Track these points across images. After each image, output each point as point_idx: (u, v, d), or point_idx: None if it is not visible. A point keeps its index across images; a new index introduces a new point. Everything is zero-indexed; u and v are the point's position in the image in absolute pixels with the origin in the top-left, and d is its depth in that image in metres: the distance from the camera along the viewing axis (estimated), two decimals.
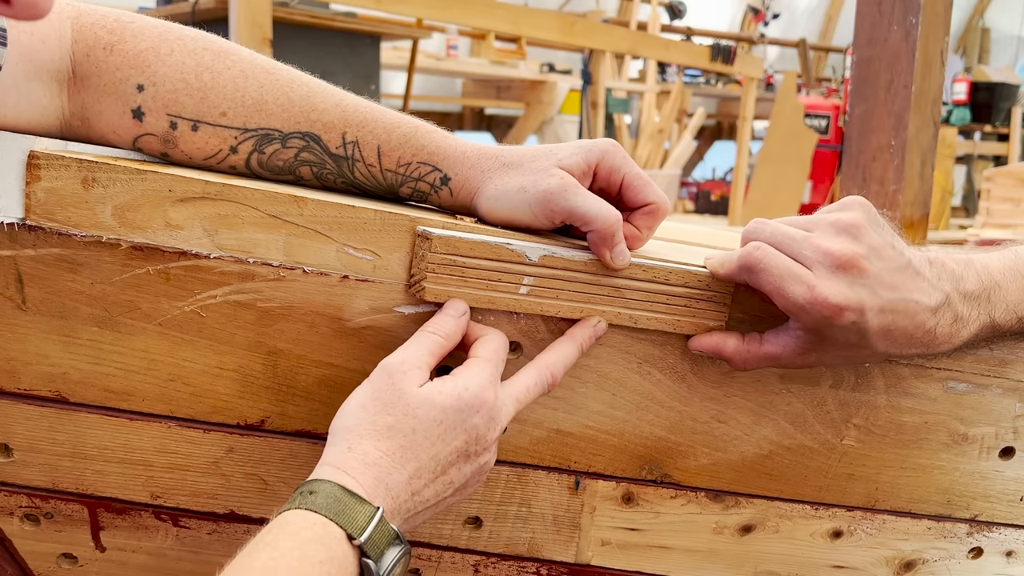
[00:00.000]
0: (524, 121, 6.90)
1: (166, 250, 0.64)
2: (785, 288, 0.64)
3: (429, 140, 0.70)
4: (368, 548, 0.56)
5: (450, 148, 0.70)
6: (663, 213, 0.72)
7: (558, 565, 0.80)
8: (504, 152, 0.71)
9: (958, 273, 0.69)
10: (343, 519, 0.56)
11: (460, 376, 0.63)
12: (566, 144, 0.70)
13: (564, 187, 0.66)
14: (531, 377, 0.66)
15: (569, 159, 0.68)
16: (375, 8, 3.70)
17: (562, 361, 0.68)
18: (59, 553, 0.76)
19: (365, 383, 0.63)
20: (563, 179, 0.67)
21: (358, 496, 0.57)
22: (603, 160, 0.69)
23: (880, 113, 1.96)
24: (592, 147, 0.69)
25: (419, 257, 0.66)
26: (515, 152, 0.71)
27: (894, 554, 0.83)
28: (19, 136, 0.60)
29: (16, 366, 0.66)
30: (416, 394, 0.61)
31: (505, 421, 0.65)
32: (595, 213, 0.66)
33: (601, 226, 0.66)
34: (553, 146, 0.70)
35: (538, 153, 0.70)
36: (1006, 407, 0.77)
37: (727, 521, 0.80)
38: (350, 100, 0.69)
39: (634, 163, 0.71)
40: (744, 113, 5.90)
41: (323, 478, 0.58)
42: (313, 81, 0.70)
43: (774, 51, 9.77)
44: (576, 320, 0.69)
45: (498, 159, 0.70)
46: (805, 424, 0.76)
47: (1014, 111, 7.53)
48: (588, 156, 0.69)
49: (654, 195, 0.71)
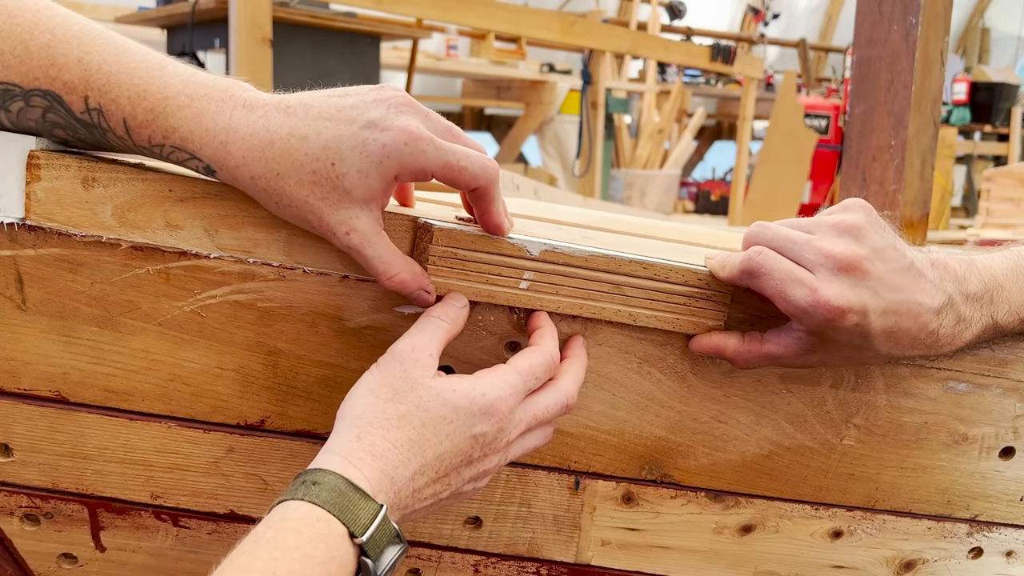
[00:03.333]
0: (524, 121, 6.90)
1: (166, 250, 0.64)
2: (787, 292, 0.64)
3: (180, 120, 0.58)
4: (368, 547, 0.56)
5: (207, 133, 0.59)
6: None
7: (558, 565, 0.80)
8: (280, 153, 0.59)
9: (961, 274, 0.69)
10: (346, 516, 0.55)
11: (480, 380, 0.62)
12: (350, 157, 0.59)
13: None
14: (551, 397, 0.65)
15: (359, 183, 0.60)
16: (375, 8, 3.71)
17: (578, 385, 0.67)
18: (59, 553, 0.76)
19: (373, 368, 0.62)
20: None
21: (362, 491, 0.56)
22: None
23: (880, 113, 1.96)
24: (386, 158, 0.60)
25: (420, 249, 0.65)
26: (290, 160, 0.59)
27: (894, 554, 0.83)
28: (19, 136, 0.60)
29: (16, 366, 0.66)
30: (429, 386, 0.61)
31: (515, 435, 0.63)
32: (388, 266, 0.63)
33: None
34: (336, 157, 0.59)
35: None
36: (1006, 407, 0.77)
37: (727, 521, 0.80)
38: (96, 54, 0.58)
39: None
40: (744, 113, 5.91)
41: (327, 468, 0.57)
42: (60, 26, 0.59)
43: (774, 51, 9.77)
44: (575, 316, 0.69)
45: (268, 165, 0.59)
46: (805, 424, 0.76)
47: (1014, 111, 7.53)
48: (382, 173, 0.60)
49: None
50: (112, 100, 0.58)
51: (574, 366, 0.68)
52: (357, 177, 0.59)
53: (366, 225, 0.60)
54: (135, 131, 0.59)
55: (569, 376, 0.67)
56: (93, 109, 0.58)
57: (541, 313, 0.68)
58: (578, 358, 0.69)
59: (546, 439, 0.68)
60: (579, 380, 0.68)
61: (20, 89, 0.58)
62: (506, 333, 0.69)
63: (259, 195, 0.61)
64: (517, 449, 0.65)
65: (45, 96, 0.58)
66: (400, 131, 0.58)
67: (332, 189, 0.59)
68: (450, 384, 0.61)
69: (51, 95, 0.58)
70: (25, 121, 0.60)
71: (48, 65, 0.58)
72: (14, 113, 0.59)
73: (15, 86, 0.58)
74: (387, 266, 0.62)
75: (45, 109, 0.59)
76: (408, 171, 0.60)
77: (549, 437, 0.68)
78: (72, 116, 0.59)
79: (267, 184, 0.59)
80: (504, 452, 0.64)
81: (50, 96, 0.58)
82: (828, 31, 10.79)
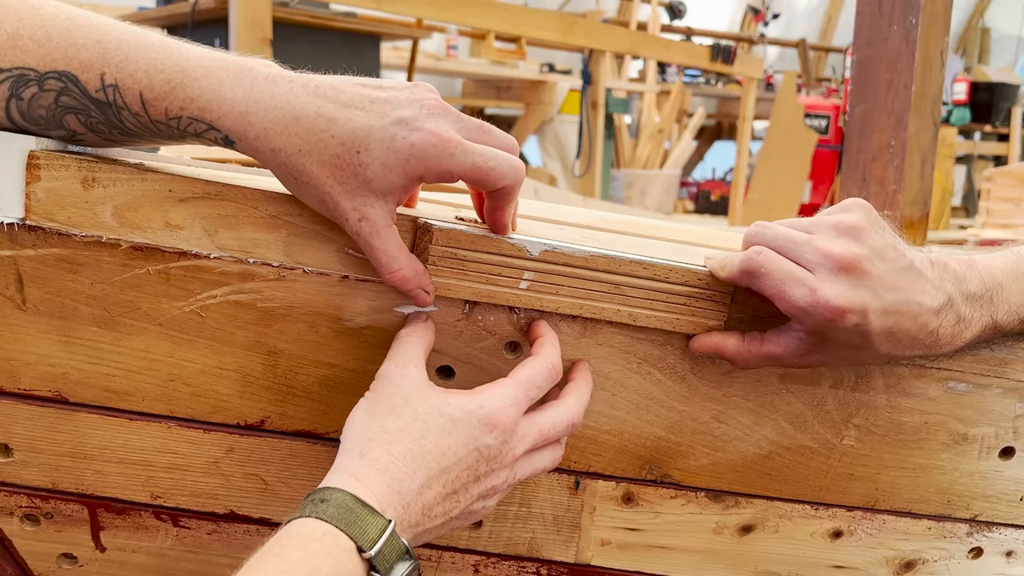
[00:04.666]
0: (524, 121, 6.90)
1: (166, 250, 0.64)
2: (787, 292, 0.64)
3: (198, 90, 0.58)
4: (378, 562, 0.55)
5: (225, 103, 0.58)
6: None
7: (558, 565, 0.80)
8: (304, 130, 0.59)
9: (960, 274, 0.69)
10: (354, 530, 0.55)
11: (477, 393, 0.62)
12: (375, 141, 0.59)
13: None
14: (557, 414, 0.66)
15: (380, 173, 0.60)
16: (375, 8, 3.70)
17: (583, 406, 0.68)
18: (59, 553, 0.76)
19: (367, 393, 0.63)
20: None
21: (369, 507, 0.56)
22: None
23: (880, 113, 1.96)
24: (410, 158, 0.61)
25: (420, 249, 0.65)
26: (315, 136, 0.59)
27: (894, 554, 0.83)
28: (19, 136, 0.60)
29: (16, 366, 0.66)
30: (424, 399, 0.61)
31: (521, 449, 0.63)
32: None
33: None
34: (362, 146, 0.59)
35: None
36: (1006, 407, 0.77)
37: (727, 521, 0.80)
38: (115, 34, 0.59)
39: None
40: (744, 113, 5.90)
41: (334, 486, 0.57)
42: (82, 14, 0.60)
43: (774, 51, 9.77)
44: (575, 317, 0.69)
45: (291, 140, 0.59)
46: (805, 424, 0.76)
47: (1014, 111, 7.53)
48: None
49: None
50: (129, 74, 0.58)
51: (579, 387, 0.68)
52: (381, 169, 0.59)
53: (379, 215, 0.61)
54: (151, 104, 0.58)
55: (575, 396, 0.67)
56: (109, 86, 0.58)
57: (542, 321, 0.68)
58: (583, 381, 0.69)
59: (555, 462, 0.68)
60: (585, 401, 0.68)
61: (35, 73, 0.58)
62: (506, 333, 0.69)
63: (278, 169, 0.60)
64: (525, 467, 0.65)
65: (60, 78, 0.58)
66: (430, 133, 0.59)
67: (353, 175, 0.59)
68: (445, 397, 0.61)
69: (66, 76, 0.58)
70: (36, 109, 0.59)
71: (67, 46, 0.58)
72: (26, 101, 0.59)
73: (30, 70, 0.58)
74: (391, 260, 0.62)
75: (59, 92, 0.59)
76: (434, 172, 0.60)
77: (559, 460, 0.68)
78: (87, 96, 0.59)
79: (288, 159, 0.59)
80: (511, 469, 0.64)
81: (65, 77, 0.58)
82: (828, 31, 10.79)
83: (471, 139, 0.61)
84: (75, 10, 0.60)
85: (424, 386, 0.62)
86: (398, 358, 0.63)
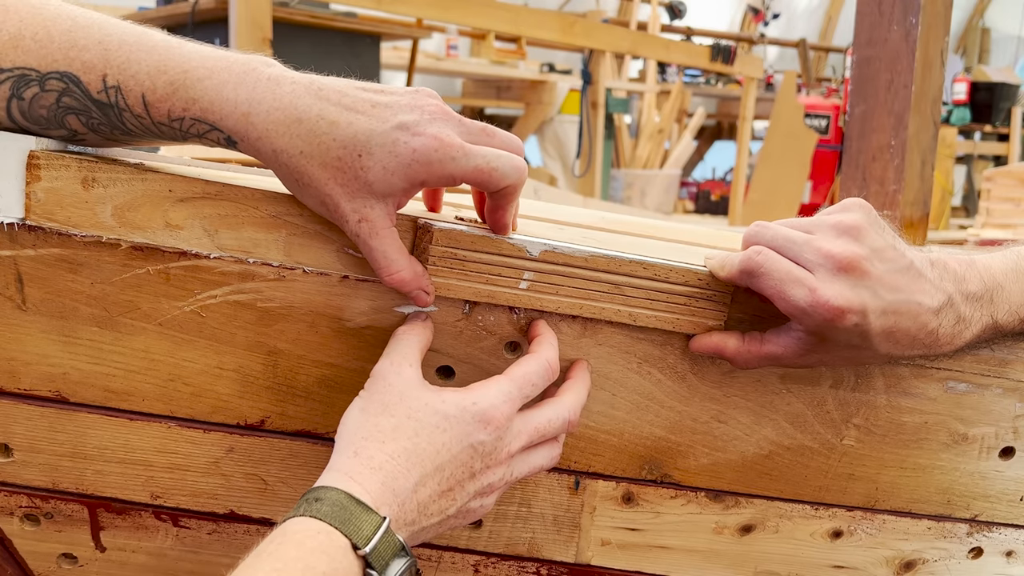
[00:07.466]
0: (524, 121, 6.90)
1: (166, 250, 0.64)
2: (787, 292, 0.64)
3: (201, 91, 0.58)
4: (373, 559, 0.55)
5: (228, 103, 0.58)
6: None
7: (558, 565, 0.80)
8: (307, 132, 0.59)
9: (960, 274, 0.69)
10: (348, 528, 0.55)
11: (471, 390, 0.62)
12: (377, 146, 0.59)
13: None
14: (553, 411, 0.66)
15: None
16: (375, 8, 3.70)
17: (580, 404, 0.68)
18: (59, 553, 0.76)
19: (361, 392, 0.63)
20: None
21: (364, 504, 0.56)
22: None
23: (880, 113, 1.96)
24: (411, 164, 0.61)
25: (420, 249, 0.66)
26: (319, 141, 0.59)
27: (894, 554, 0.83)
28: (19, 136, 0.60)
29: (16, 366, 0.66)
30: (417, 397, 0.61)
31: (516, 446, 0.63)
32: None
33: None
34: (364, 149, 0.59)
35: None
36: (1006, 407, 0.77)
37: (727, 521, 0.80)
38: (117, 35, 0.59)
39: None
40: (744, 113, 5.90)
41: (329, 485, 0.57)
42: (84, 15, 0.60)
43: (774, 51, 9.77)
44: (575, 316, 0.69)
45: (293, 142, 0.59)
46: (805, 424, 0.76)
47: (1014, 111, 7.53)
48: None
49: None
50: (131, 76, 0.58)
51: (576, 385, 0.68)
52: (382, 173, 0.59)
53: (378, 217, 0.61)
54: (154, 106, 0.59)
55: (571, 394, 0.67)
56: (111, 87, 0.58)
57: (540, 321, 0.68)
58: (581, 380, 0.69)
59: (553, 460, 0.68)
60: (582, 399, 0.68)
61: (37, 73, 0.58)
62: (506, 333, 0.69)
63: (280, 170, 0.61)
64: (522, 465, 0.65)
65: (62, 78, 0.58)
66: (431, 138, 0.59)
67: (354, 178, 0.59)
68: (440, 395, 0.61)
69: (68, 76, 0.58)
70: (37, 109, 0.59)
71: (68, 47, 0.58)
72: (27, 101, 0.59)
73: (32, 70, 0.58)
74: (389, 262, 0.62)
75: (61, 92, 0.58)
76: (436, 177, 0.60)
77: (556, 459, 0.68)
78: (88, 97, 0.59)
79: (289, 160, 0.59)
80: (508, 466, 0.64)
81: (67, 78, 0.58)
82: (828, 31, 10.79)
83: (475, 142, 0.61)
84: (77, 10, 0.60)
85: (418, 384, 0.62)
86: (393, 356, 0.63)
